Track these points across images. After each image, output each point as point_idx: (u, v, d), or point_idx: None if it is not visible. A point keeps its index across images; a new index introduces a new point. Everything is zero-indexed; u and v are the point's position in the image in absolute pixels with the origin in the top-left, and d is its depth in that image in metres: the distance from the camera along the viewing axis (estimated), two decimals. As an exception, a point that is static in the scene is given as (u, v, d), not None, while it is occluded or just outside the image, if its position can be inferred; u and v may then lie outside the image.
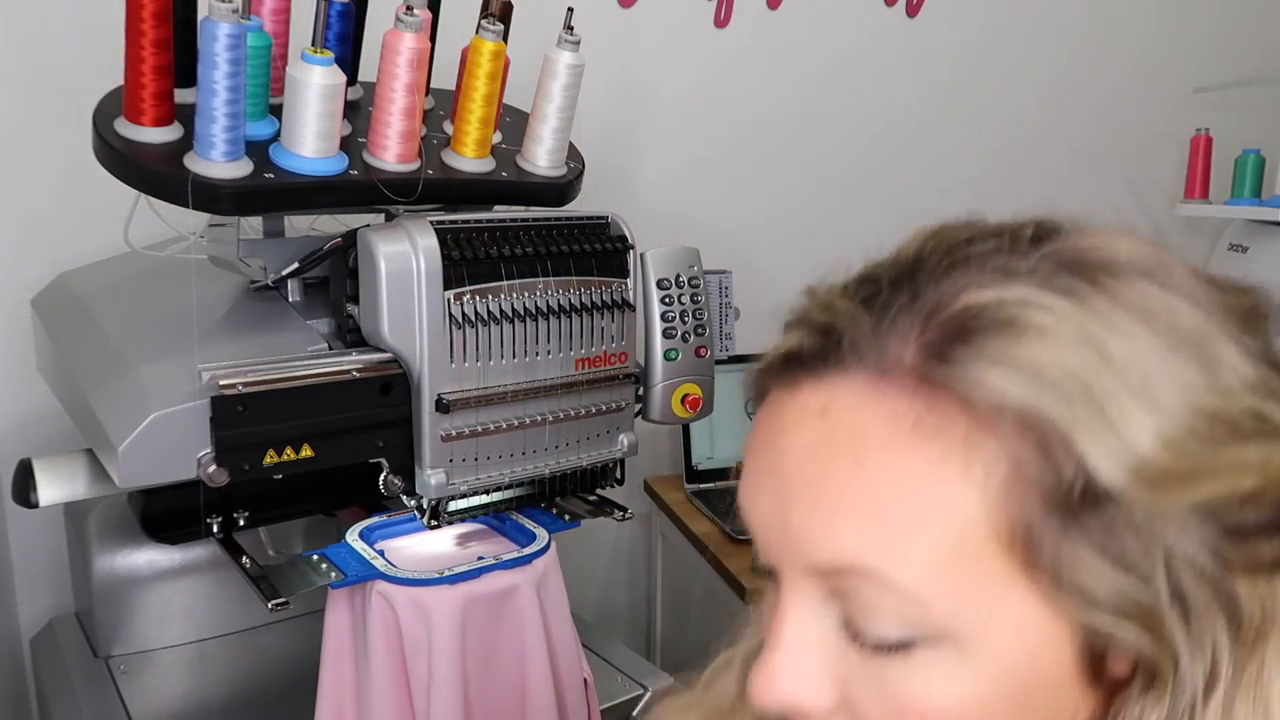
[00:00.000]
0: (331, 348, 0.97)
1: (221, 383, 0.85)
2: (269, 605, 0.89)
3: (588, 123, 1.11)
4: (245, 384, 0.86)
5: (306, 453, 0.90)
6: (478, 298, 0.95)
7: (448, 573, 0.93)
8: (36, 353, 1.14)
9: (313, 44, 0.87)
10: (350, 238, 0.96)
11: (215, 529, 1.01)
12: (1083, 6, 2.08)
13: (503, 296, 0.96)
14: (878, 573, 0.40)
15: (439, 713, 0.92)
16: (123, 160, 0.87)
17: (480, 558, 0.97)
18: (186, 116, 0.89)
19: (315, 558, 0.96)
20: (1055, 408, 0.37)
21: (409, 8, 0.89)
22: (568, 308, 1.00)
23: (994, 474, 0.38)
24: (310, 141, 0.89)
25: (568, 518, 1.06)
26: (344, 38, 1.00)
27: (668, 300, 1.08)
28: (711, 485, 1.70)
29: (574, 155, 1.11)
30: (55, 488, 0.97)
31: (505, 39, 0.98)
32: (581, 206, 1.07)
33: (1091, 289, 0.40)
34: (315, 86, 0.87)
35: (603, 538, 1.83)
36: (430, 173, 0.98)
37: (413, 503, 0.99)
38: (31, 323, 1.13)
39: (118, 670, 1.13)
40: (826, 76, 1.87)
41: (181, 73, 0.88)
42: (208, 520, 1.00)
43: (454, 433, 0.95)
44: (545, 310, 0.99)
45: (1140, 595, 0.39)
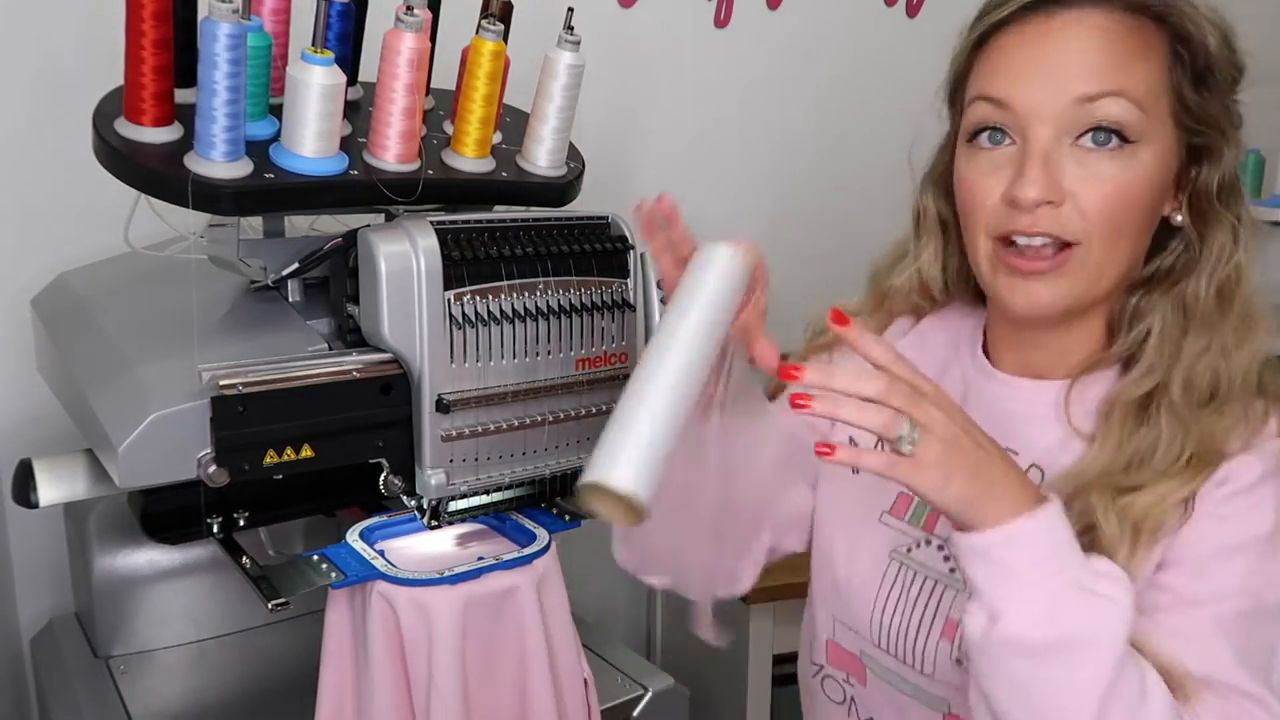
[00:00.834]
0: (331, 348, 0.97)
1: (221, 383, 0.85)
2: (269, 605, 0.89)
3: (588, 123, 1.11)
4: (245, 384, 0.86)
5: (306, 453, 0.90)
6: (478, 298, 0.95)
7: (448, 573, 0.93)
8: (36, 353, 1.14)
9: (313, 44, 0.87)
10: (350, 238, 0.96)
11: (215, 529, 1.01)
12: (1083, 6, 2.08)
13: (503, 296, 0.96)
14: (1123, 89, 0.71)
15: (439, 713, 0.92)
16: (123, 160, 0.87)
17: (480, 558, 0.97)
18: (186, 116, 0.89)
19: (315, 558, 0.95)
20: (1197, 30, 0.72)
21: (409, 8, 0.89)
22: (568, 308, 1.00)
23: (1164, 57, 0.72)
24: (310, 141, 0.89)
25: (568, 518, 1.06)
26: (344, 38, 1.00)
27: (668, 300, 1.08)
28: (711, 485, 1.70)
29: (574, 155, 1.11)
30: (55, 488, 0.97)
31: (505, 39, 0.98)
32: (581, 206, 1.07)
33: None
34: (315, 86, 0.87)
35: (603, 538, 1.83)
36: (430, 173, 0.98)
37: (413, 503, 0.99)
38: (31, 323, 1.13)
39: (118, 670, 1.13)
40: (826, 77, 1.87)
41: (181, 73, 0.88)
42: (208, 520, 1.00)
43: (454, 433, 0.95)
44: (545, 310, 0.99)
45: (1216, 126, 0.75)
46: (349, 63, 1.03)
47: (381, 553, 0.96)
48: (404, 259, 0.92)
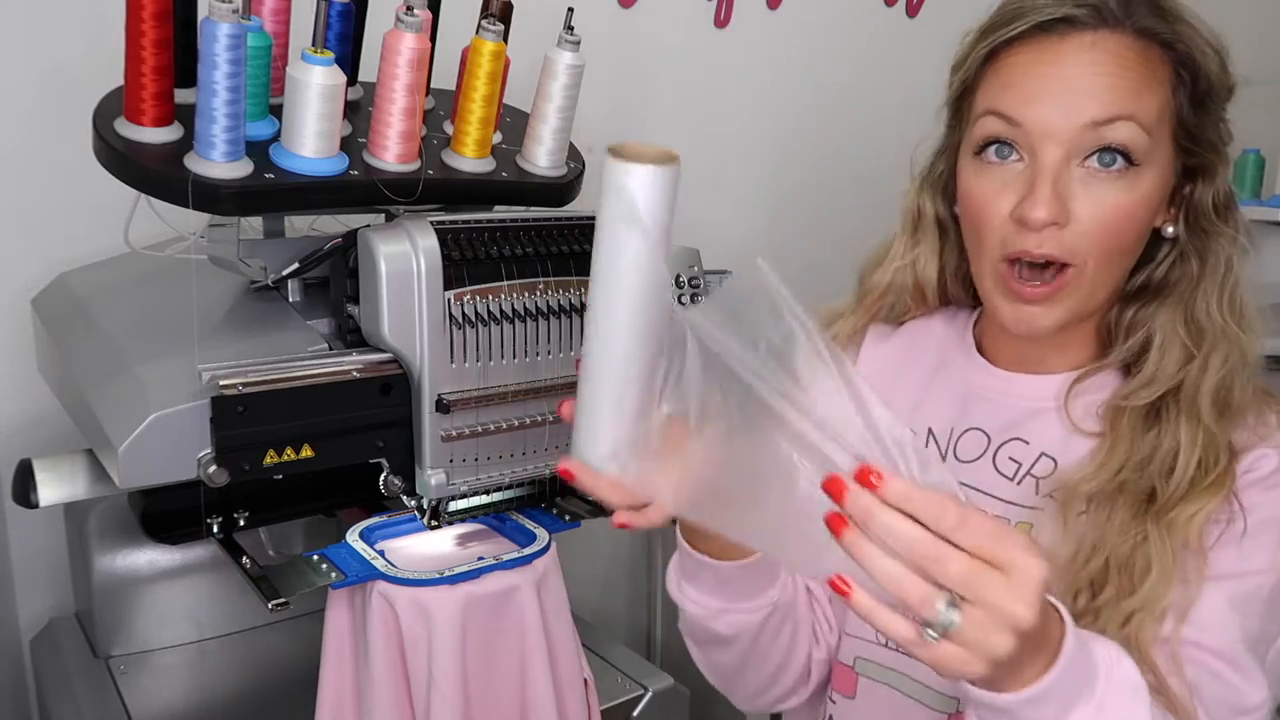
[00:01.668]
0: (331, 348, 0.97)
1: (222, 383, 0.85)
2: (269, 605, 0.89)
3: (588, 123, 1.11)
4: (245, 384, 0.86)
5: (307, 453, 0.90)
6: (478, 298, 0.95)
7: (448, 573, 0.93)
8: (36, 353, 1.14)
9: (313, 44, 0.87)
10: (350, 238, 0.96)
11: (215, 529, 1.01)
12: (1083, 6, 2.08)
13: (503, 296, 0.96)
14: (1134, 114, 0.71)
15: (439, 712, 0.92)
16: (123, 160, 0.87)
17: (480, 558, 0.97)
18: (186, 116, 0.89)
19: (315, 558, 0.96)
20: (1201, 55, 0.73)
21: (409, 8, 0.89)
22: (568, 308, 1.00)
23: (1169, 81, 0.73)
24: (310, 141, 0.89)
25: (568, 518, 1.06)
26: (344, 38, 1.00)
27: (668, 300, 1.08)
28: (711, 485, 1.70)
29: (574, 155, 1.11)
30: (55, 488, 0.97)
31: (505, 39, 0.98)
32: (582, 206, 1.07)
33: None
34: (315, 86, 0.87)
35: (603, 538, 1.83)
36: (430, 173, 0.98)
37: (413, 503, 0.99)
38: (31, 323, 1.13)
39: (118, 670, 1.12)
40: (826, 76, 1.87)
41: (181, 73, 0.88)
42: (208, 520, 1.00)
43: (454, 433, 0.95)
44: (545, 310, 0.99)
45: (1212, 147, 0.76)
46: (349, 63, 1.03)
47: (381, 553, 0.97)
48: (404, 259, 0.92)
